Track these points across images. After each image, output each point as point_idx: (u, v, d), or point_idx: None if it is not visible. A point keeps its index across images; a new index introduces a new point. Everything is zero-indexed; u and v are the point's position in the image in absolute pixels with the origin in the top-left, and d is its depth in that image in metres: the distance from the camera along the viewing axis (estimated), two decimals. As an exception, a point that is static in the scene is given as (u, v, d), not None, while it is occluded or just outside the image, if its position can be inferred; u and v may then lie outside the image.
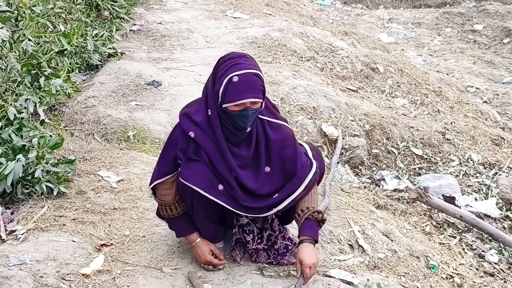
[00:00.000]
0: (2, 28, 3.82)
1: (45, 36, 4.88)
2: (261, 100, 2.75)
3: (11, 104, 3.94)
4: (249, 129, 2.81)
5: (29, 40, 4.36)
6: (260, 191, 2.91)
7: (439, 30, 13.38)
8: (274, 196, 2.92)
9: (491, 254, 4.22)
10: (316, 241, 2.92)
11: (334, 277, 3.10)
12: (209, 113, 2.81)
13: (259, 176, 2.91)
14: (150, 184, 3.00)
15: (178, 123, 2.91)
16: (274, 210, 2.93)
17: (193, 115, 2.84)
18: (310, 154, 3.04)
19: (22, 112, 3.96)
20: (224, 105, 2.72)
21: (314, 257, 2.85)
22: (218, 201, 2.85)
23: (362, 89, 6.73)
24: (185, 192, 2.91)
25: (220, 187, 2.86)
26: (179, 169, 2.88)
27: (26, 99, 4.04)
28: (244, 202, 2.89)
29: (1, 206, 3.52)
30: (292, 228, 3.50)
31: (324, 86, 6.12)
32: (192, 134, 2.82)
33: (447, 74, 9.80)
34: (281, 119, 3.00)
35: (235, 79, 2.66)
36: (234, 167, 2.84)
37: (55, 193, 3.69)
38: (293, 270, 3.11)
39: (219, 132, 2.81)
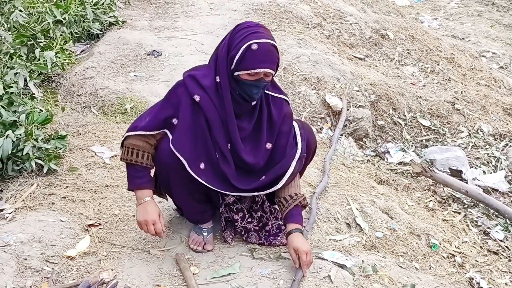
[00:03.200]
0: (-12, 0, 3.70)
1: (39, 7, 4.75)
2: (274, 73, 2.66)
3: (0, 78, 3.85)
4: (254, 102, 2.72)
5: (20, 11, 4.24)
6: (257, 167, 2.82)
7: (457, -8, 13.00)
8: (261, 179, 2.83)
9: (497, 231, 4.08)
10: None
11: (327, 260, 3.00)
12: (218, 79, 2.69)
13: (259, 152, 2.82)
14: (133, 130, 2.78)
15: (182, 82, 2.76)
16: (256, 193, 2.89)
17: (200, 78, 2.72)
18: (298, 134, 2.90)
19: (12, 87, 3.86)
20: (236, 73, 2.61)
21: (308, 245, 2.83)
22: (198, 178, 2.73)
23: (370, 57, 6.53)
24: (164, 168, 2.81)
25: (202, 165, 2.74)
26: (172, 135, 2.73)
27: (16, 73, 3.94)
28: (232, 177, 2.78)
29: (-10, 184, 3.47)
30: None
31: (330, 55, 5.95)
32: (197, 97, 2.68)
33: (463, 38, 9.53)
34: (284, 94, 2.92)
35: (254, 46, 2.54)
36: (237, 138, 2.74)
37: (45, 170, 3.62)
38: (284, 252, 3.01)
39: (228, 99, 2.68)
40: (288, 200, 2.84)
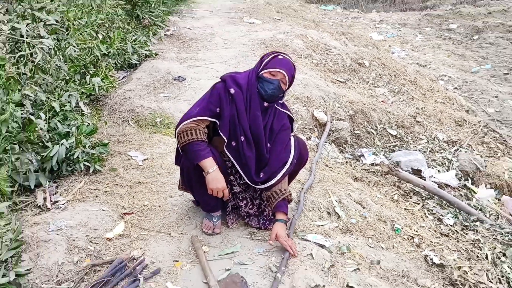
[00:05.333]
0: (48, 38, 3.72)
1: (89, 43, 4.78)
2: (287, 84, 2.78)
3: (57, 99, 3.87)
4: (266, 104, 2.80)
5: (74, 46, 4.27)
6: (264, 157, 2.88)
7: (421, 29, 12.94)
8: (260, 176, 2.85)
9: (448, 218, 4.04)
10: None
11: (310, 241, 2.99)
12: (249, 78, 2.82)
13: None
14: (188, 118, 2.74)
15: (219, 82, 2.85)
16: (255, 187, 2.92)
17: (237, 78, 2.84)
18: (292, 145, 2.92)
19: (66, 106, 3.88)
20: (262, 72, 2.76)
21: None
22: (229, 155, 2.83)
23: (349, 80, 6.50)
24: (187, 169, 2.84)
25: (233, 143, 2.82)
26: (218, 121, 2.78)
27: (69, 95, 3.96)
28: (251, 163, 2.83)
29: (49, 181, 3.48)
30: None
31: (318, 79, 5.92)
32: (232, 90, 2.77)
33: (425, 65, 9.49)
34: (289, 112, 2.99)
35: (280, 57, 2.78)
36: (260, 122, 2.80)
37: (91, 170, 3.63)
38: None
39: (254, 91, 2.77)
40: (278, 193, 2.84)
